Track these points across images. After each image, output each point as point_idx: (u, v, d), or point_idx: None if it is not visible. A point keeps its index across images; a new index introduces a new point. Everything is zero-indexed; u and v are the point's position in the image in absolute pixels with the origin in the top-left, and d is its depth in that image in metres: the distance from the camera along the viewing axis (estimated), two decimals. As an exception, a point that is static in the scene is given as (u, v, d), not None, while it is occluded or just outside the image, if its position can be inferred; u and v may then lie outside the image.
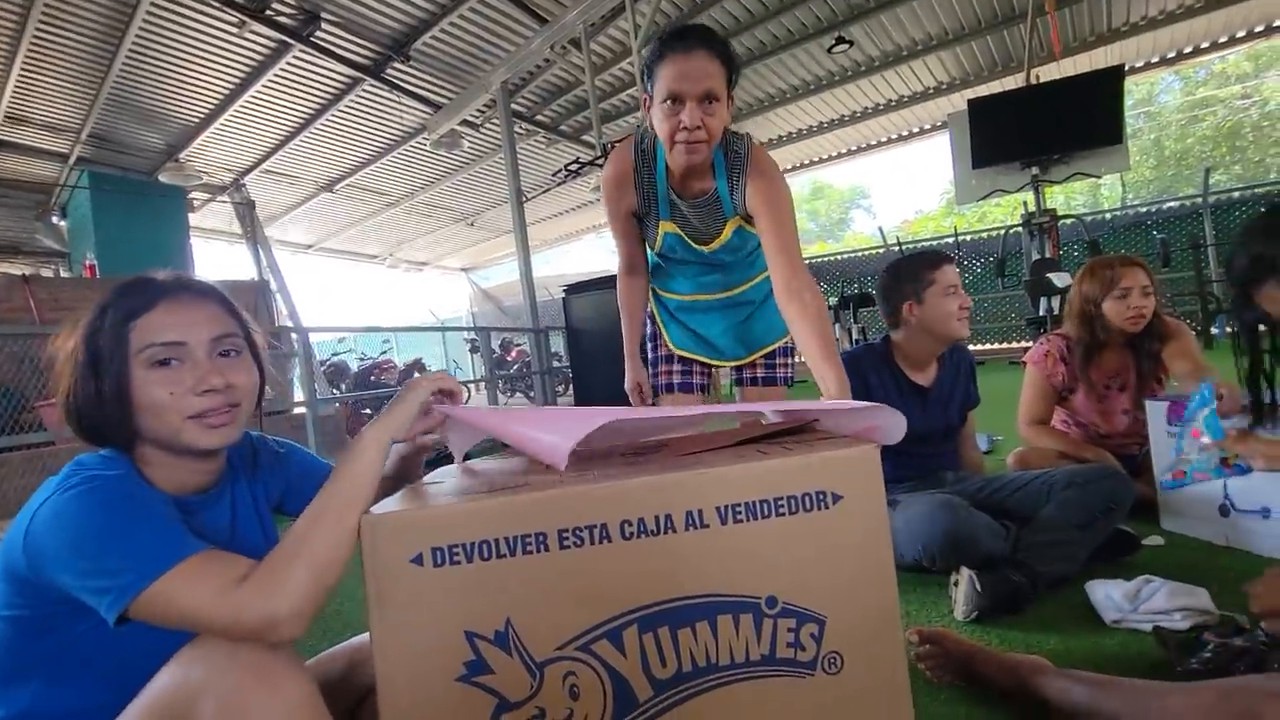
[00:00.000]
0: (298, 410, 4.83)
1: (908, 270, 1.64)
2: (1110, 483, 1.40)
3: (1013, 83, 6.92)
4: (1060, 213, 5.88)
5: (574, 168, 6.15)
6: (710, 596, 0.70)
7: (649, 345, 1.68)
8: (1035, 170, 5.44)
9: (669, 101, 1.18)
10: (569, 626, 0.68)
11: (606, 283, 6.11)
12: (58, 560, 0.58)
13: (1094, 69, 5.72)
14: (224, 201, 8.78)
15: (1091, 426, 1.90)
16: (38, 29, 5.05)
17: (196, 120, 6.86)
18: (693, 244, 1.43)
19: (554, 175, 6.51)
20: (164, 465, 0.71)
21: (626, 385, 1.63)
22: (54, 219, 8.06)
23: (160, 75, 5.96)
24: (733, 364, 1.61)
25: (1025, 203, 6.06)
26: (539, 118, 7.71)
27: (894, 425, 0.80)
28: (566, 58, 6.35)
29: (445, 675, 0.65)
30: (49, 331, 3.40)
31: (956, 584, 1.29)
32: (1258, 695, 0.69)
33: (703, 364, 1.62)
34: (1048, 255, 5.52)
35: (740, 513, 0.70)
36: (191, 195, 7.91)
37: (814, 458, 0.72)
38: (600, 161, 5.89)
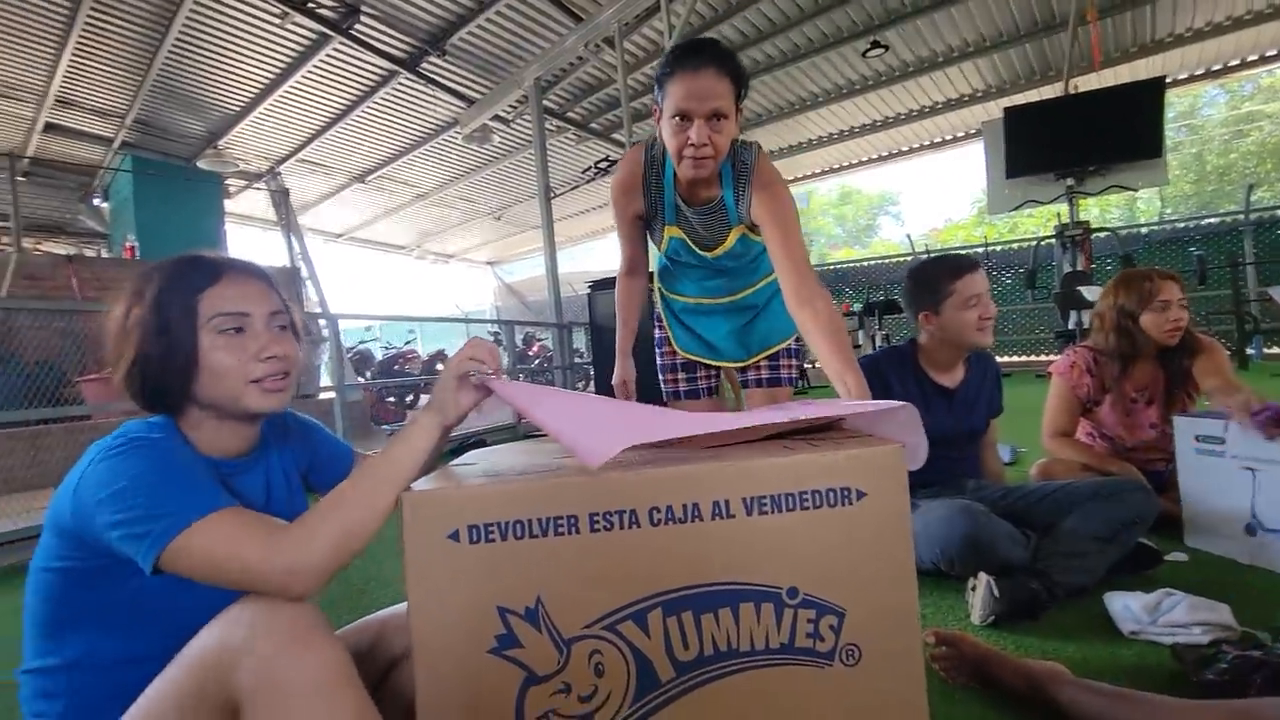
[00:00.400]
0: (325, 395, 4.93)
1: (928, 277, 1.63)
2: (1134, 496, 1.40)
3: (1050, 92, 6.80)
4: (1094, 225, 5.78)
5: (603, 165, 6.19)
6: (733, 584, 0.72)
7: (657, 352, 1.71)
8: (1070, 181, 5.35)
9: (678, 118, 1.20)
10: (596, 606, 0.70)
11: (630, 281, 6.13)
12: (101, 511, 0.62)
13: (1135, 80, 5.60)
14: (259, 189, 8.98)
15: (1117, 439, 1.88)
16: (89, 15, 5.22)
17: (237, 109, 7.02)
18: (697, 249, 1.46)
19: (583, 173, 6.55)
20: (209, 428, 0.75)
21: (614, 380, 1.65)
22: (96, 201, 8.34)
23: (204, 63, 6.12)
24: (733, 365, 1.62)
25: (1059, 214, 5.96)
26: (570, 115, 7.76)
27: (918, 446, 0.80)
28: (600, 56, 6.39)
29: (477, 646, 0.69)
30: (90, 309, 3.55)
31: (974, 589, 1.29)
32: (1270, 716, 0.69)
33: (707, 367, 1.65)
34: (1080, 268, 5.43)
35: (766, 505, 0.73)
36: (228, 181, 8.11)
37: (839, 455, 0.74)
38: (629, 160, 5.93)
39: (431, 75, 6.62)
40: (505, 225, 12.24)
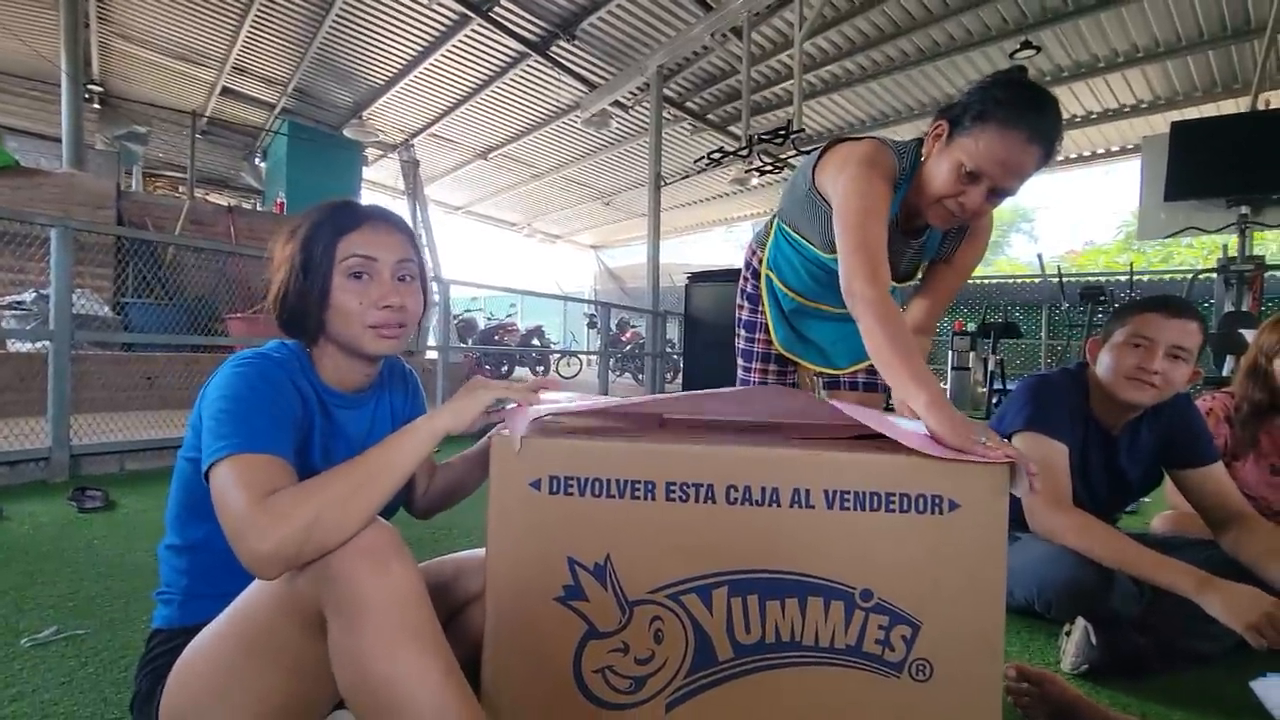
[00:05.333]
0: (429, 355, 5.25)
1: (1123, 306, 1.39)
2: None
3: (1231, 107, 6.01)
4: (1270, 261, 5.07)
5: (717, 156, 6.13)
6: (804, 575, 0.70)
7: (741, 334, 1.58)
8: (1245, 210, 4.70)
9: (968, 173, 1.02)
10: (663, 574, 0.71)
11: (730, 275, 6.07)
12: (206, 412, 0.70)
13: (1345, 98, 4.83)
14: (393, 159, 9.66)
15: (1261, 501, 1.65)
16: (268, -8, 5.80)
17: (382, 82, 7.57)
18: None
19: (696, 162, 6.52)
20: (336, 359, 0.83)
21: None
22: (256, 160, 9.30)
23: (358, 39, 6.64)
24: (831, 371, 1.52)
25: (1225, 246, 5.27)
26: (688, 104, 7.75)
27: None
28: (725, 46, 6.32)
29: (546, 593, 0.71)
30: (244, 252, 3.98)
31: (1069, 633, 1.18)
32: None
33: (797, 366, 1.55)
34: (1245, 309, 4.78)
35: (849, 501, 0.70)
36: (367, 150, 8.77)
37: (936, 461, 0.70)
38: (744, 153, 5.83)
39: (559, 59, 6.82)
40: (612, 210, 12.45)
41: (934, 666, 0.70)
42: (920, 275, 1.37)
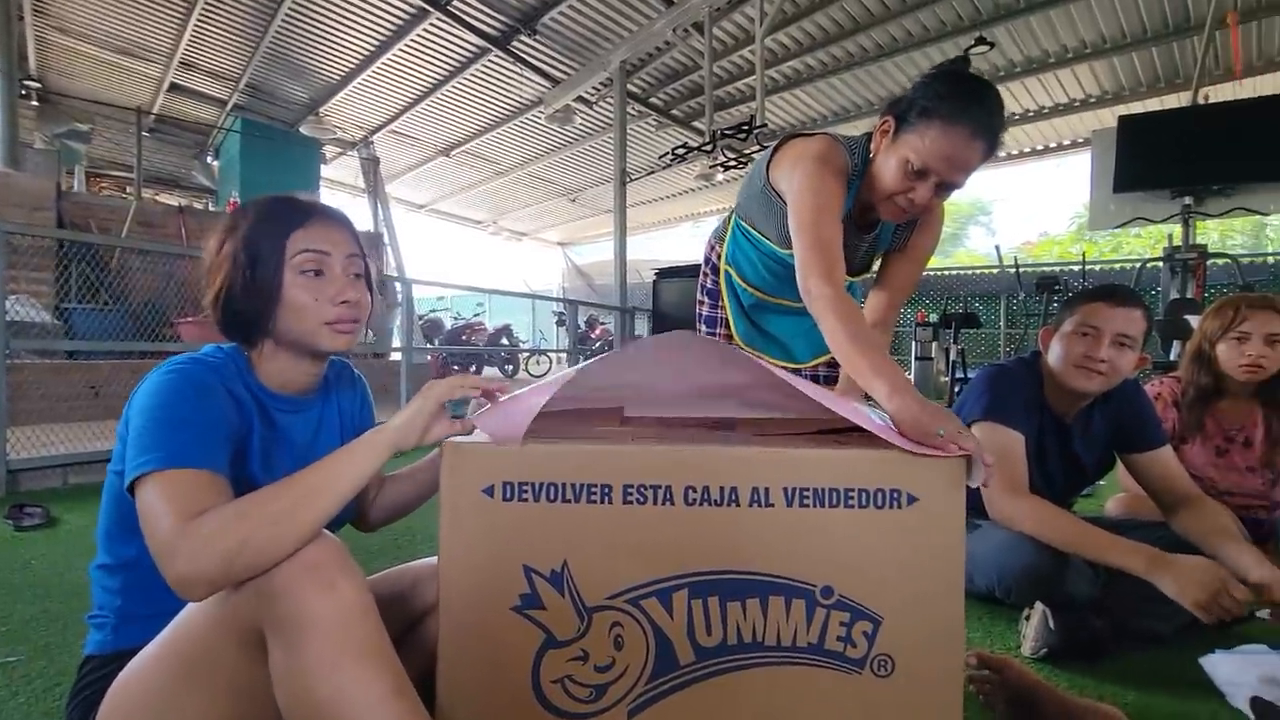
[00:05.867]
0: (394, 356, 5.14)
1: (1073, 296, 1.41)
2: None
3: (1174, 101, 6.23)
4: (1211, 250, 5.28)
5: (681, 152, 6.13)
6: (765, 575, 0.69)
7: (703, 329, 1.56)
8: (1188, 200, 4.89)
9: (914, 169, 1.02)
10: (622, 579, 0.69)
11: (697, 271, 6.07)
12: (132, 421, 0.66)
13: (1278, 93, 5.05)
14: (352, 156, 9.43)
15: (1208, 482, 1.71)
16: (216, -17, 5.59)
17: (338, 78, 7.38)
18: None
19: (660, 158, 6.52)
20: (280, 361, 0.79)
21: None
22: (208, 159, 8.98)
23: (312, 33, 6.45)
24: (793, 366, 1.51)
25: (1170, 236, 5.48)
26: (652, 100, 7.73)
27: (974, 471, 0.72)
28: (687, 41, 6.32)
29: (501, 602, 0.69)
30: (195, 254, 3.82)
31: (1028, 618, 1.20)
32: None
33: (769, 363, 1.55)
34: (1190, 296, 4.98)
35: (808, 498, 0.69)
36: (325, 148, 8.55)
37: (893, 455, 0.70)
38: (708, 148, 5.85)
39: (520, 54, 6.74)
40: (579, 207, 12.38)
41: (895, 661, 0.70)
42: (876, 268, 1.38)
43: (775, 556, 0.69)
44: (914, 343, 7.69)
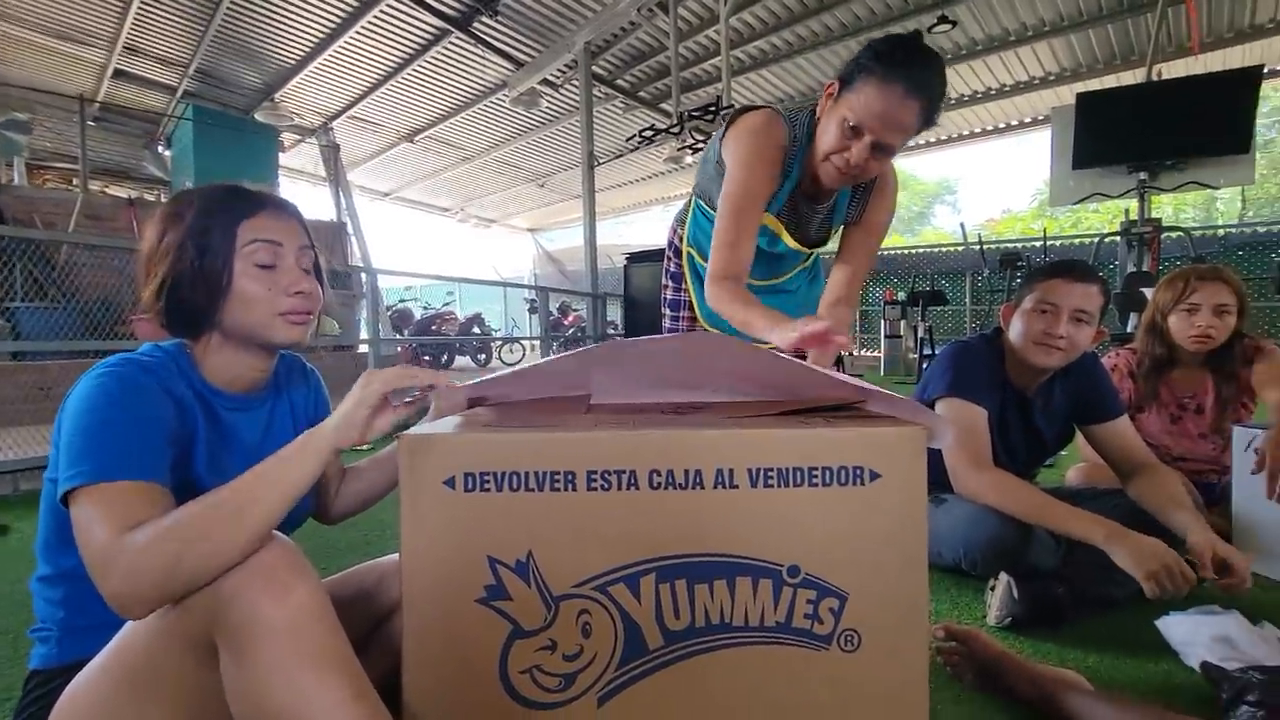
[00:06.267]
0: (362, 349, 5.04)
1: (1032, 271, 1.44)
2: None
3: (1130, 78, 6.37)
4: (1165, 224, 5.44)
5: (649, 134, 6.08)
6: (732, 557, 0.69)
7: (667, 313, 1.57)
8: (1143, 175, 5.02)
9: (851, 128, 1.05)
10: (588, 566, 0.68)
11: (669, 255, 6.06)
12: (64, 427, 0.64)
13: (1227, 69, 5.19)
14: (311, 144, 9.15)
15: (1163, 449, 1.77)
16: (157, -37, 5.33)
17: (293, 62, 7.13)
18: (791, 243, 1.34)
19: (628, 140, 6.45)
20: (225, 356, 0.76)
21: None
22: (159, 148, 8.63)
23: (262, 15, 6.20)
24: (765, 347, 1.54)
25: (1127, 211, 5.63)
26: (618, 82, 7.64)
27: (939, 430, 0.74)
28: (652, 21, 6.24)
29: (466, 595, 0.68)
30: (146, 249, 3.68)
31: (993, 588, 1.23)
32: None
33: None
34: (1145, 269, 5.12)
35: (772, 478, 0.69)
36: (282, 135, 8.27)
37: (855, 432, 0.70)
38: (675, 130, 5.80)
39: (482, 35, 6.58)
40: (547, 192, 12.23)
41: (862, 636, 0.70)
42: (838, 243, 1.39)
43: (742, 537, 0.69)
44: (883, 321, 7.81)
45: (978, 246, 7.38)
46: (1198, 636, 1.07)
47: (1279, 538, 1.44)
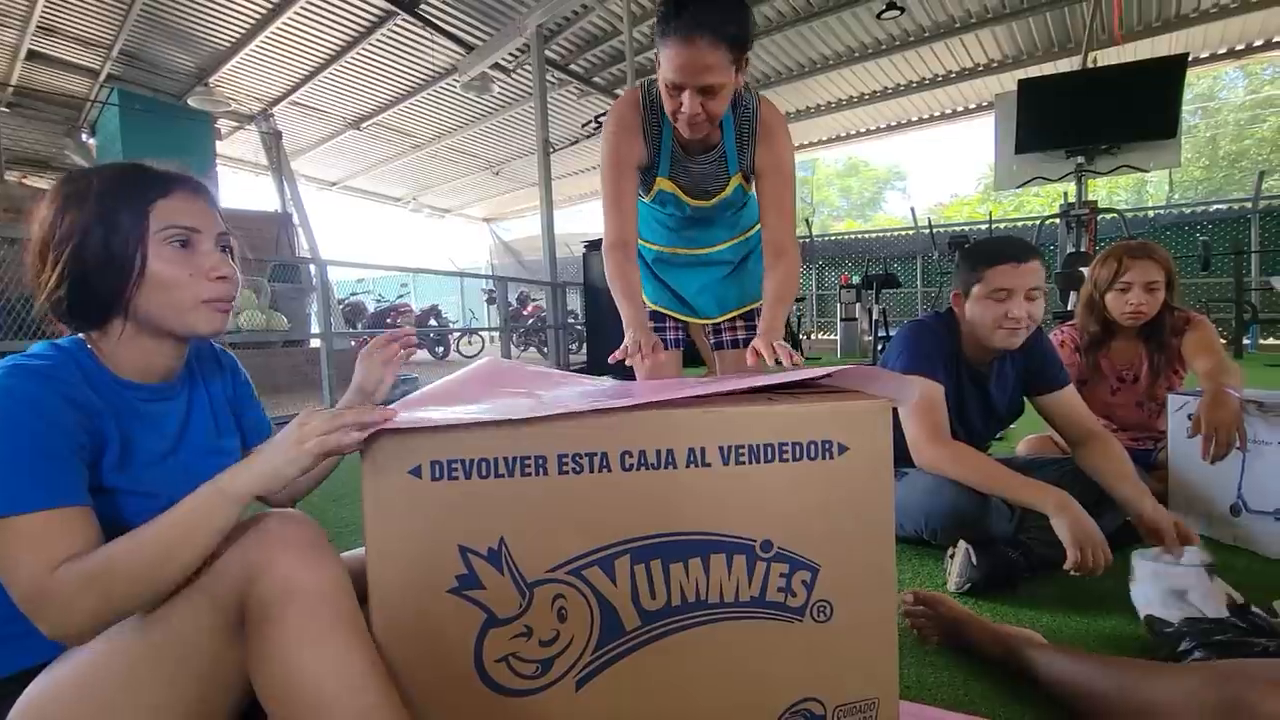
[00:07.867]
0: (313, 344, 4.87)
1: (968, 256, 1.45)
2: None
3: (1068, 65, 6.62)
4: (1101, 206, 5.69)
5: (604, 120, 6.02)
6: (705, 534, 0.69)
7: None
8: (1080, 159, 5.24)
9: (671, 85, 1.14)
10: (561, 550, 0.68)
11: (628, 242, 6.03)
12: None
13: (1156, 56, 5.44)
14: (251, 130, 8.73)
15: (1106, 421, 1.86)
16: (73, -64, 4.97)
17: (227, 44, 6.77)
18: (689, 200, 1.39)
19: (584, 126, 6.38)
20: (135, 346, 0.71)
21: (628, 354, 1.17)
22: (84, 137, 8.10)
23: (193, -6, 5.87)
24: (707, 322, 1.56)
25: (1066, 193, 5.87)
26: (572, 67, 7.53)
27: (903, 389, 0.77)
28: (605, 4, 6.16)
29: (438, 585, 0.66)
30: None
31: (952, 556, 1.28)
32: (1246, 680, 0.68)
33: (676, 320, 1.57)
34: (1083, 249, 5.36)
35: (743, 454, 0.69)
36: (219, 123, 7.88)
37: (823, 407, 0.71)
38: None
39: (429, 17, 6.38)
40: (503, 181, 12.01)
41: (834, 606, 0.72)
42: (731, 190, 1.41)
43: (715, 515, 0.70)
44: (838, 304, 7.98)
45: (928, 230, 7.59)
46: (1155, 588, 1.10)
47: (1209, 498, 1.53)
